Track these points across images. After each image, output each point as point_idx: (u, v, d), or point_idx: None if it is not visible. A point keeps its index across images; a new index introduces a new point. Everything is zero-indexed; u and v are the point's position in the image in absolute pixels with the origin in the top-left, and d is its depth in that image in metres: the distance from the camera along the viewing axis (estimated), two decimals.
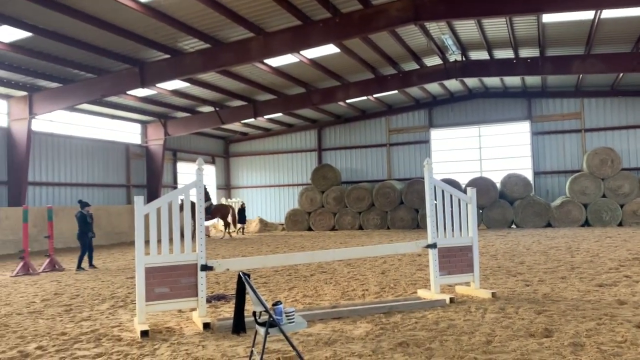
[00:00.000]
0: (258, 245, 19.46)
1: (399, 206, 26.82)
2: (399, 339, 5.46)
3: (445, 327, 5.96)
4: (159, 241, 6.42)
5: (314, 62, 20.39)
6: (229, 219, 25.58)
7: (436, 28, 18.68)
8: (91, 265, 13.51)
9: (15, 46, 15.85)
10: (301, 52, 18.48)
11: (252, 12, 15.30)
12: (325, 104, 26.07)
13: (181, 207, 11.02)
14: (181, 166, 31.48)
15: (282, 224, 30.43)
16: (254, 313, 4.64)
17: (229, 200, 32.49)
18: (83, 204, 13.43)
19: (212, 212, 24.50)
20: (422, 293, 7.88)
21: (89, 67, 18.52)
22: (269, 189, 34.09)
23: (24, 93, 20.14)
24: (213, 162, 34.27)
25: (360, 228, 27.56)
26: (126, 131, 27.34)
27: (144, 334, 5.94)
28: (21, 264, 12.70)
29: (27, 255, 12.82)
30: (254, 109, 25.97)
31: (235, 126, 31.21)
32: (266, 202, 33.94)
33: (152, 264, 6.34)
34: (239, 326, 5.44)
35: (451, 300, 7.31)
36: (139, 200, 6.43)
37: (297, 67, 20.82)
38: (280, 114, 27.99)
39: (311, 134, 32.99)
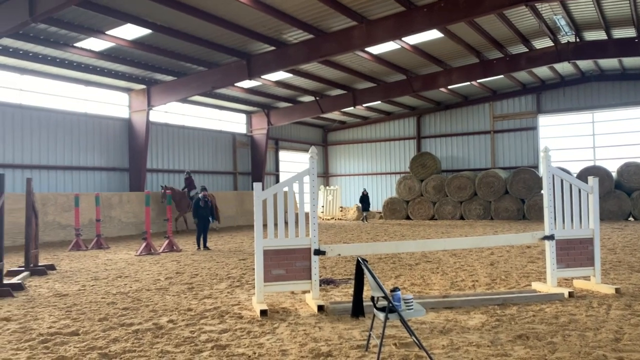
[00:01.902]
0: (357, 233, 19.64)
1: (503, 196, 25.80)
2: (517, 332, 5.32)
3: (566, 321, 5.71)
4: (276, 225, 6.71)
5: (416, 48, 20.06)
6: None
7: (548, 8, 17.61)
8: (205, 247, 14.42)
9: (136, 43, 17.10)
10: (403, 38, 18.25)
11: (355, 1, 15.33)
12: (425, 91, 25.61)
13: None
14: (282, 154, 32.44)
15: (380, 212, 30.42)
16: (372, 298, 4.74)
17: (326, 188, 33.04)
18: (203, 189, 14.40)
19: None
20: (537, 286, 7.59)
21: (201, 61, 19.57)
22: (366, 177, 34.16)
23: (143, 86, 21.73)
24: None
25: (462, 218, 26.87)
26: (233, 121, 28.62)
27: (263, 313, 6.27)
28: (144, 244, 13.80)
29: (149, 236, 13.90)
30: (353, 98, 26.09)
31: (334, 115, 31.55)
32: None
33: (269, 247, 6.65)
34: (357, 310, 5.58)
35: (570, 294, 6.98)
36: (257, 186, 6.75)
37: (398, 53, 20.60)
38: (379, 102, 27.90)
39: (410, 122, 32.55)
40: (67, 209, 18.21)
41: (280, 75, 22.11)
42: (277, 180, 31.12)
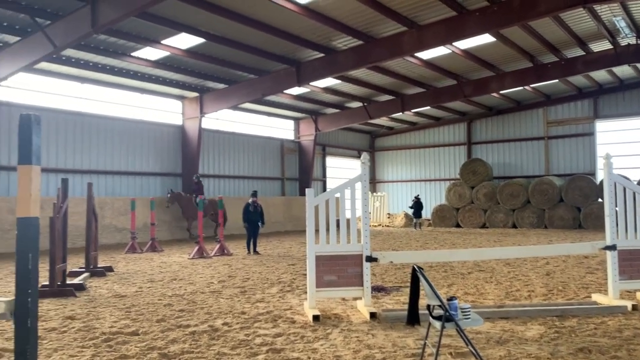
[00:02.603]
0: (406, 240, 19.44)
1: (558, 204, 24.99)
2: (578, 345, 5.14)
3: (630, 335, 5.48)
4: (328, 231, 6.74)
5: (467, 53, 19.75)
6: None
7: (607, 10, 16.98)
8: (255, 251, 14.63)
9: (190, 52, 17.59)
10: (454, 43, 18.01)
11: (405, 6, 15.26)
12: (477, 96, 25.14)
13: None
14: (329, 160, 32.55)
15: (429, 220, 30.01)
16: (428, 306, 4.69)
17: (373, 194, 32.87)
18: (254, 194, 14.67)
19: (205, 208, 19.05)
20: (597, 298, 7.30)
21: (252, 69, 19.92)
22: (414, 184, 33.78)
23: (196, 94, 22.31)
24: (359, 157, 34.79)
25: (514, 226, 26.17)
26: (281, 127, 28.95)
27: (316, 318, 6.31)
28: (196, 248, 14.14)
29: (202, 240, 14.23)
30: (401, 103, 25.91)
31: (382, 120, 31.41)
32: (412, 197, 33.59)
33: (321, 252, 6.69)
34: (413, 318, 5.54)
35: (634, 307, 6.68)
36: (309, 192, 6.82)
37: (448, 58, 20.34)
38: (428, 107, 27.60)
39: (460, 127, 32.02)
40: (123, 212, 18.87)
41: (329, 81, 22.21)
42: (324, 186, 31.26)
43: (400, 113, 27.01)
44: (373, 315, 6.40)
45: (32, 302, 3.22)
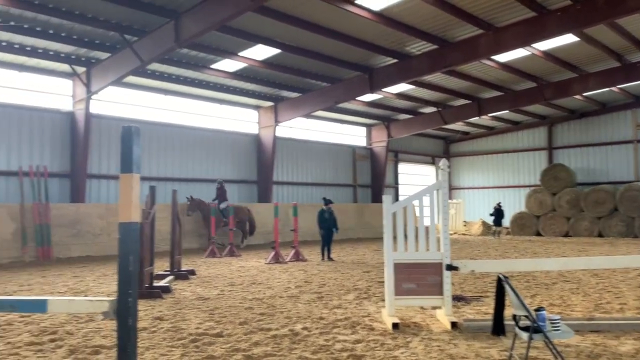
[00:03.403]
0: (484, 249, 18.87)
1: None
2: None
3: None
4: (406, 238, 6.69)
5: (548, 54, 18.94)
6: (247, 225, 20.29)
7: None
8: (329, 258, 14.74)
9: (265, 62, 18.08)
10: (533, 44, 17.35)
11: (482, 9, 14.89)
12: (558, 99, 24.06)
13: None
14: (402, 167, 32.23)
15: (507, 228, 28.94)
16: (514, 317, 4.54)
17: (448, 201, 32.08)
18: (327, 201, 14.82)
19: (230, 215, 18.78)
20: None
21: (324, 77, 20.16)
22: (491, 191, 32.72)
23: (271, 103, 22.88)
24: (433, 163, 34.28)
25: (600, 235, 24.71)
26: (353, 134, 29.04)
27: (395, 326, 6.26)
28: (272, 253, 14.44)
29: (277, 245, 14.51)
30: (478, 107, 25.24)
31: (457, 126, 30.73)
32: (489, 204, 32.55)
33: (400, 260, 6.65)
34: (498, 328, 5.38)
35: None
36: (387, 199, 6.80)
37: (527, 60, 19.60)
38: (506, 111, 26.71)
39: (540, 132, 30.71)
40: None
41: (402, 87, 22.04)
42: (397, 193, 30.96)
43: (477, 117, 26.33)
44: (454, 324, 6.27)
45: (132, 302, 3.42)
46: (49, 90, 17.55)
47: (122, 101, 19.43)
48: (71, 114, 17.67)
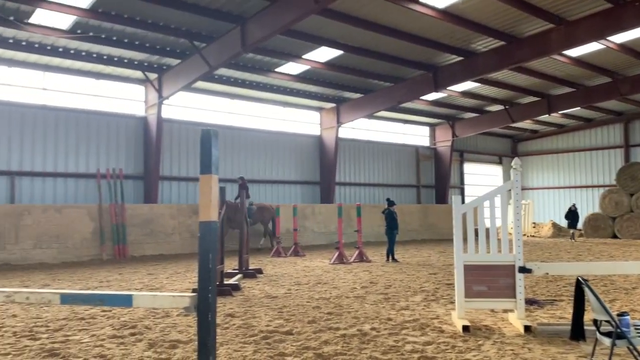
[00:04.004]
0: (555, 251, 18.13)
1: None
2: None
3: None
4: (476, 239, 6.56)
5: (624, 47, 17.95)
6: (270, 224, 19.31)
7: None
8: (394, 259, 14.64)
9: (328, 64, 18.21)
10: (608, 37, 16.50)
11: (552, 2, 14.33)
12: (636, 94, 22.75)
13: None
14: (467, 167, 31.51)
15: (580, 230, 27.63)
16: (595, 321, 4.36)
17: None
18: (390, 202, 14.75)
19: (254, 214, 18.40)
20: None
21: (387, 77, 20.06)
22: (562, 191, 31.41)
23: (333, 105, 23.02)
24: (500, 163, 33.32)
25: None
26: (416, 134, 28.69)
27: (465, 328, 6.15)
28: (336, 253, 14.51)
29: (341, 246, 14.57)
30: (547, 105, 24.29)
31: (525, 124, 29.71)
32: (560, 205, 31.28)
33: (470, 262, 6.52)
34: (577, 333, 5.18)
35: None
36: (456, 200, 6.69)
37: (601, 54, 18.66)
38: (577, 108, 25.55)
39: (615, 129, 29.18)
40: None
41: (467, 85, 21.57)
42: (462, 194, 30.28)
43: (547, 115, 25.35)
44: (528, 328, 6.08)
45: (212, 297, 3.56)
46: (124, 97, 18.48)
47: (190, 105, 20.14)
48: (144, 118, 18.51)
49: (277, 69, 18.54)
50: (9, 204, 15.53)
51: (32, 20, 13.60)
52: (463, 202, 17.09)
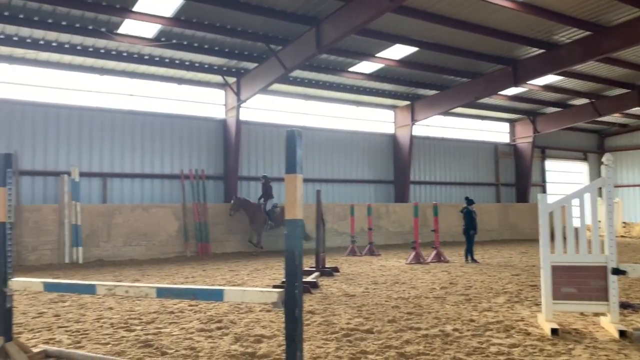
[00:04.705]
0: None
1: None
2: None
3: None
4: (565, 239, 6.28)
5: None
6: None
7: None
8: (473, 259, 14.28)
9: (402, 61, 18.03)
10: None
11: None
12: None
13: None
14: (549, 163, 30.10)
15: None
16: None
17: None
18: (469, 201, 14.40)
19: (278, 216, 17.56)
20: None
21: (463, 72, 19.57)
22: None
23: (407, 102, 22.76)
24: (585, 159, 31.58)
25: None
26: (494, 130, 27.79)
27: (554, 332, 5.91)
28: (413, 253, 14.35)
29: (418, 246, 14.39)
30: (638, 96, 22.73)
31: (613, 117, 27.96)
32: None
33: (558, 262, 6.26)
34: None
35: None
36: (542, 198, 6.44)
37: None
38: None
39: None
40: (342, 217, 20.09)
41: (549, 78, 20.60)
42: (544, 191, 28.93)
43: (637, 108, 23.72)
44: (623, 333, 5.75)
45: (298, 293, 3.66)
46: (205, 100, 19.23)
47: (266, 107, 20.62)
48: (223, 121, 19.18)
49: (350, 69, 18.60)
50: (101, 204, 16.61)
51: (120, 30, 14.47)
52: None
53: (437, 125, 25.53)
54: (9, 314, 4.95)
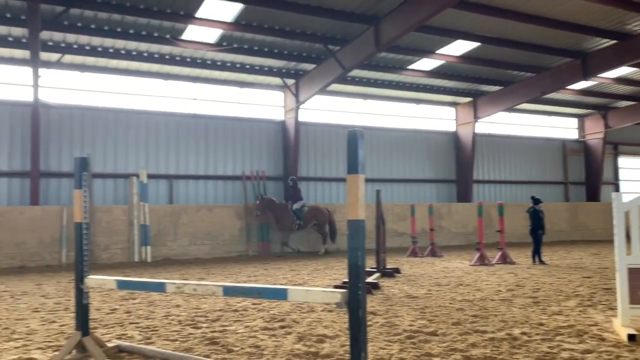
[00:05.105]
0: None
1: None
2: None
3: None
4: None
5: None
6: (327, 227, 17.81)
7: None
8: (540, 261, 13.75)
9: (463, 57, 17.61)
10: None
11: None
12: None
13: None
14: (622, 161, 28.51)
15: None
16: None
17: None
18: (536, 201, 13.89)
19: (305, 216, 17.45)
20: None
21: (528, 67, 18.90)
22: None
23: (469, 99, 22.23)
24: None
25: None
26: (562, 127, 26.65)
27: (631, 337, 5.58)
28: (477, 254, 13.98)
29: (482, 247, 14.00)
30: None
31: None
32: None
33: (635, 264, 5.91)
34: None
35: None
36: (617, 196, 6.10)
37: None
38: None
39: None
40: (402, 218, 19.87)
41: (622, 70, 19.51)
42: (617, 190, 27.45)
43: None
44: None
45: (362, 294, 3.63)
46: (264, 103, 19.58)
47: (325, 108, 20.72)
48: (282, 122, 19.43)
49: (410, 66, 18.37)
50: (168, 204, 17.22)
51: (184, 36, 14.96)
52: None
53: (501, 122, 24.78)
54: (86, 310, 5.21)
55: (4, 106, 15.64)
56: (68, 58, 15.91)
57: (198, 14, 13.66)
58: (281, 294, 4.11)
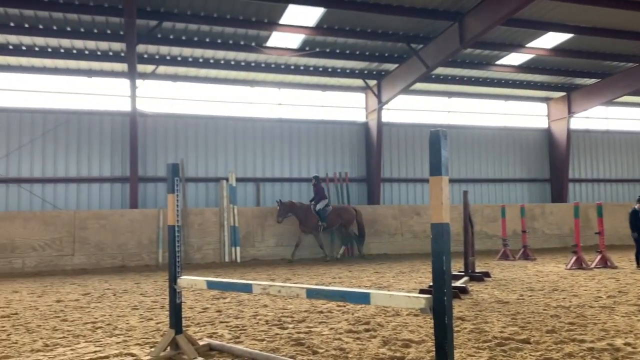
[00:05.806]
0: None
1: None
2: None
3: None
4: None
5: None
6: (354, 228, 17.05)
7: None
8: None
9: (555, 50, 16.69)
10: None
11: None
12: None
13: None
14: None
15: None
16: None
17: None
18: None
19: (329, 216, 16.53)
20: None
21: (629, 56, 17.59)
22: None
23: (562, 93, 21.02)
24: None
25: None
26: None
27: None
28: (574, 258, 13.15)
29: (580, 249, 13.17)
30: None
31: None
32: None
33: None
34: None
35: None
36: None
37: None
38: None
39: None
40: (492, 219, 19.13)
41: None
42: None
43: None
44: None
45: (448, 300, 3.52)
46: (347, 105, 19.65)
47: (407, 107, 20.43)
48: (365, 124, 19.40)
49: (497, 62, 17.69)
50: (256, 206, 17.74)
51: (268, 43, 15.36)
52: None
53: (598, 117, 23.21)
54: (179, 309, 5.48)
55: (106, 116, 16.88)
56: (162, 69, 16.87)
57: (281, 21, 13.97)
58: (364, 298, 4.08)
